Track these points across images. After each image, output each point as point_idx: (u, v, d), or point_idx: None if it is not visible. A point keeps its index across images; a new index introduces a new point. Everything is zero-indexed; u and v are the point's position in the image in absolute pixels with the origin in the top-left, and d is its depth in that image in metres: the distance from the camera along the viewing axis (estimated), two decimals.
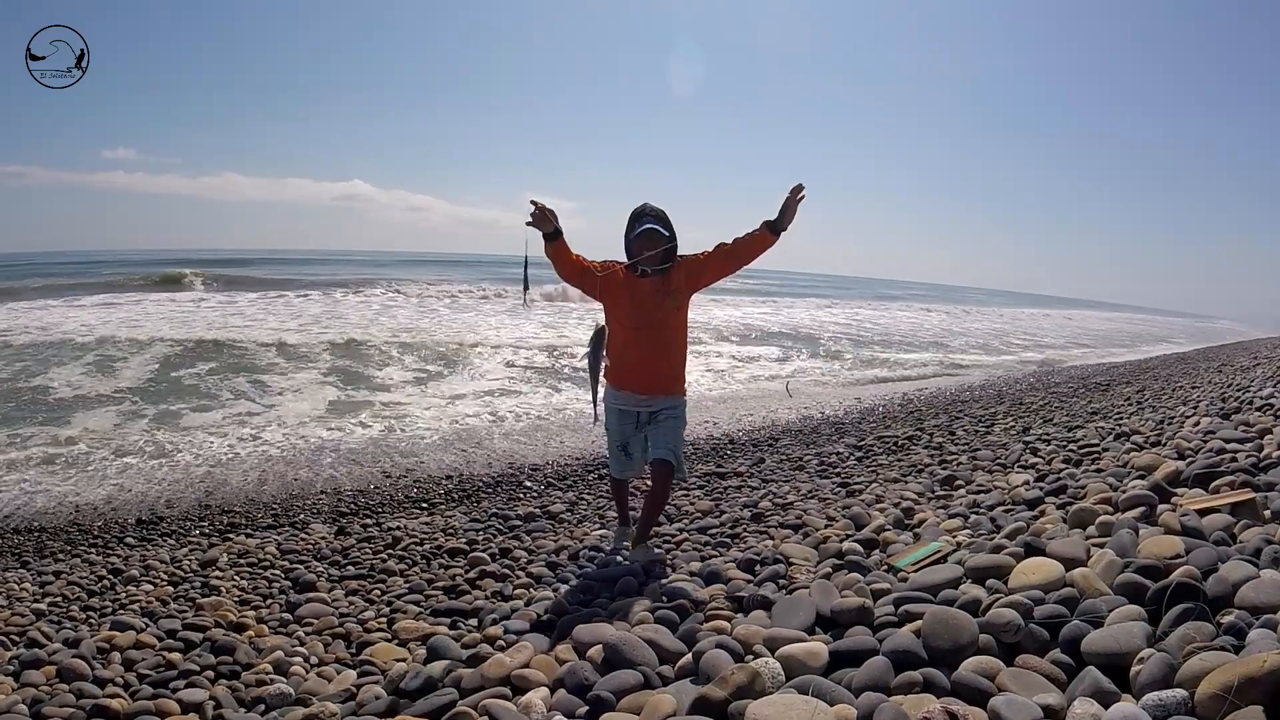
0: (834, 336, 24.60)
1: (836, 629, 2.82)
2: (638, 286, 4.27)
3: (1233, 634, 2.16)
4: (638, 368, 4.37)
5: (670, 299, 4.26)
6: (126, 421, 9.21)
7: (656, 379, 4.39)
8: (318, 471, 7.48)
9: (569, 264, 4.21)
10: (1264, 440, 4.41)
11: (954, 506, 4.67)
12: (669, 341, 4.38)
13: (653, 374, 4.37)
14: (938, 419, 9.38)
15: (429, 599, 4.20)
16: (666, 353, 4.39)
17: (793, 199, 4.17)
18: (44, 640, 3.74)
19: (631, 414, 4.44)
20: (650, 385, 4.39)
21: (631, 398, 4.41)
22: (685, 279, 4.30)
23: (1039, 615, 2.50)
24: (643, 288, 4.26)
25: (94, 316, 19.15)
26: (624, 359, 4.42)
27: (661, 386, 4.40)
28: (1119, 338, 33.52)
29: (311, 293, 27.99)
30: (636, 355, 4.36)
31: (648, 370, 4.36)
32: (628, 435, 4.51)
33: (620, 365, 4.44)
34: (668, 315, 4.29)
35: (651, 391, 4.38)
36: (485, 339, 17.71)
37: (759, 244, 4.25)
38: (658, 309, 4.26)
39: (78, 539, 5.67)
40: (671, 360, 4.42)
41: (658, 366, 4.37)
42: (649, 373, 4.37)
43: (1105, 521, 3.37)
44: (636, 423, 4.45)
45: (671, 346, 4.40)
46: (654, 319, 4.27)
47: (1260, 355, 13.23)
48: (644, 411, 4.41)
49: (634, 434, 4.49)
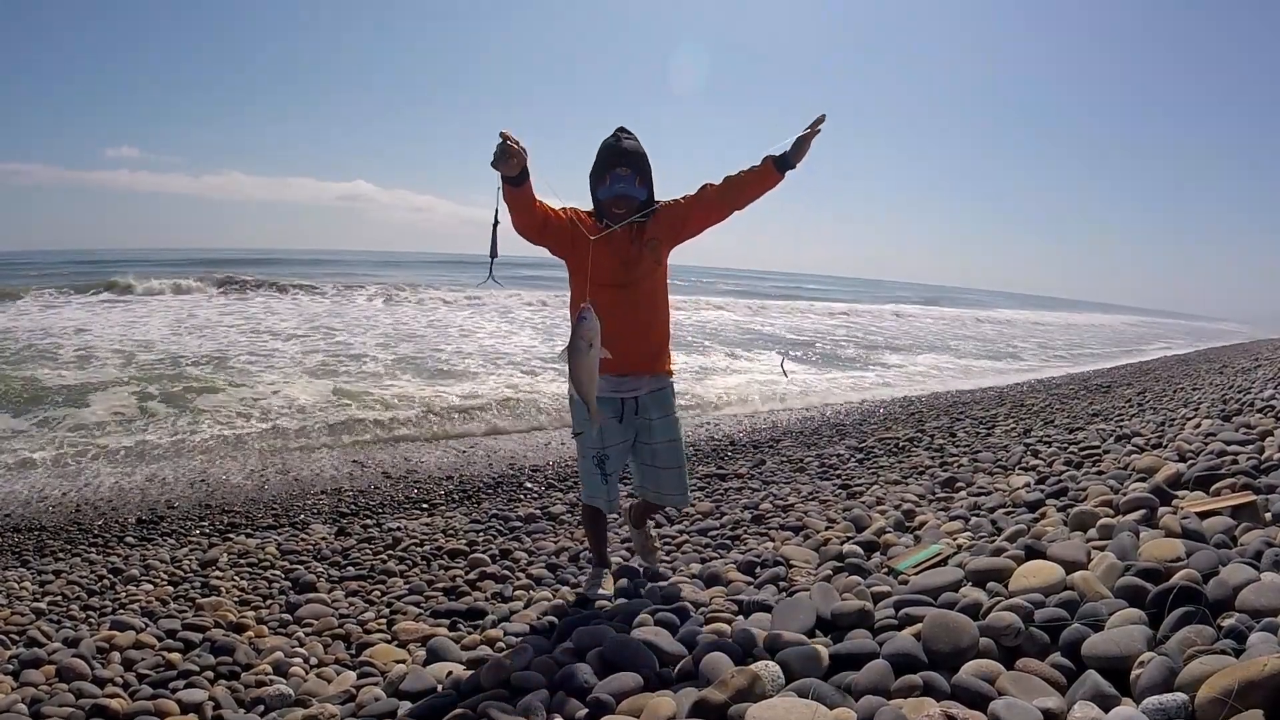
0: (834, 339, 24.62)
1: (837, 632, 2.81)
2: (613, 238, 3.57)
3: (1233, 637, 2.15)
4: (613, 339, 3.35)
5: (648, 249, 3.59)
6: (123, 421, 9.19)
7: (636, 352, 3.62)
8: (318, 472, 7.48)
9: (532, 213, 3.38)
10: (1265, 442, 4.42)
11: (955, 509, 4.67)
12: (649, 303, 3.67)
13: (632, 346, 3.56)
14: (938, 420, 9.40)
15: (429, 600, 4.20)
16: (647, 318, 3.68)
17: (811, 132, 3.42)
18: (44, 639, 3.74)
19: (611, 402, 3.65)
20: (630, 361, 3.60)
21: (607, 380, 3.58)
22: (666, 228, 3.63)
23: (1039, 618, 2.50)
24: (615, 236, 3.57)
25: (93, 315, 19.15)
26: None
27: (643, 362, 3.67)
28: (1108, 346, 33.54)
29: (302, 295, 27.91)
30: (610, 323, 3.33)
31: (626, 342, 3.50)
32: (607, 440, 3.68)
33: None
34: (646, 270, 3.62)
35: (633, 369, 3.65)
36: (482, 343, 17.69)
37: (760, 183, 3.52)
38: (635, 264, 3.58)
39: (78, 538, 5.67)
40: (654, 328, 3.72)
41: (637, 336, 3.63)
42: (627, 345, 3.52)
43: (1106, 524, 3.37)
44: (620, 416, 3.69)
45: (654, 309, 3.70)
46: (629, 276, 3.58)
47: (1261, 357, 13.26)
48: (627, 398, 3.68)
49: (614, 437, 3.70)
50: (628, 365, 3.60)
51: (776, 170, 3.46)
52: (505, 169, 3.15)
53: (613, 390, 3.64)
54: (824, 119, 3.41)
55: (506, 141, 3.09)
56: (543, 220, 3.42)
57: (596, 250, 3.42)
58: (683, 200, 3.63)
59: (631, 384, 3.68)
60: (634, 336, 3.59)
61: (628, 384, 3.67)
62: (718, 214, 3.63)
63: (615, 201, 3.55)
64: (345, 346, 15.55)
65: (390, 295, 27.97)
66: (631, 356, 3.59)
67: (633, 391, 3.68)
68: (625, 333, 3.50)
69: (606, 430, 3.66)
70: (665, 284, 3.77)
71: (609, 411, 3.65)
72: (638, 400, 3.70)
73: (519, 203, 3.32)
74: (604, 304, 3.31)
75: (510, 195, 3.28)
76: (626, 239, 3.58)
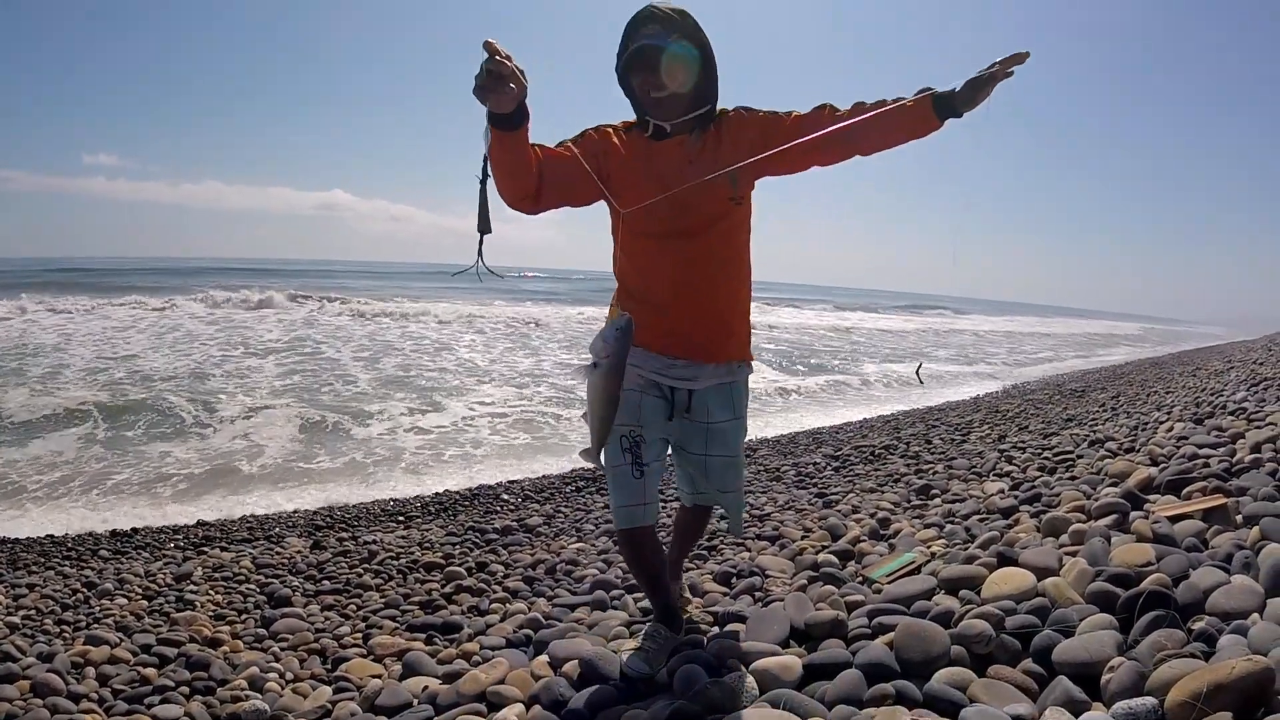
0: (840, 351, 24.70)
1: (811, 642, 2.82)
2: (658, 158, 2.49)
3: (1203, 640, 2.18)
4: (670, 307, 2.55)
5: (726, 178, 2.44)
6: (94, 435, 9.10)
7: (696, 330, 2.60)
8: (293, 484, 7.43)
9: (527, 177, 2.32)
10: (1236, 445, 4.46)
11: (929, 516, 4.69)
12: (719, 259, 2.57)
13: (689, 321, 2.57)
14: (914, 428, 9.45)
15: (405, 614, 4.17)
16: (714, 281, 2.57)
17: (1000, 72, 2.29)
18: (18, 654, 3.69)
19: (657, 385, 2.65)
20: (695, 339, 2.60)
21: (654, 360, 2.61)
22: (748, 144, 2.45)
23: (1010, 625, 2.52)
24: (668, 158, 2.48)
25: (69, 322, 18.94)
26: (648, 292, 2.61)
27: (707, 346, 2.63)
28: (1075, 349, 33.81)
29: (286, 304, 27.78)
30: (667, 285, 2.54)
31: (690, 311, 2.56)
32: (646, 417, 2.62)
33: (643, 306, 2.59)
34: (720, 210, 2.50)
35: (689, 353, 2.61)
36: (463, 358, 17.64)
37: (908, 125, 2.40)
38: (704, 197, 2.45)
39: (51, 550, 5.60)
40: (724, 295, 2.62)
41: (698, 308, 2.57)
42: (692, 316, 2.57)
43: (1078, 530, 3.40)
44: (669, 405, 2.67)
45: (727, 268, 2.61)
46: (689, 220, 2.48)
47: (1234, 359, 13.40)
48: (680, 388, 2.65)
49: (656, 421, 2.65)
50: (682, 346, 2.61)
51: (936, 116, 2.38)
52: (495, 101, 2.09)
53: (658, 372, 2.63)
54: (1025, 57, 2.28)
55: (495, 57, 2.02)
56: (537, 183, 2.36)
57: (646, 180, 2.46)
58: (784, 115, 2.54)
59: (685, 372, 2.63)
60: (693, 308, 2.58)
61: (679, 370, 2.63)
62: (836, 152, 2.51)
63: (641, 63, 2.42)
64: (330, 364, 15.46)
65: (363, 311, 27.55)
66: (689, 335, 2.60)
67: (686, 382, 2.64)
68: (692, 298, 2.56)
69: (647, 408, 2.63)
70: (747, 233, 2.67)
71: (655, 392, 2.65)
72: (691, 395, 2.67)
73: (511, 161, 2.27)
74: (661, 260, 2.52)
75: (501, 147, 2.22)
76: (682, 156, 2.49)
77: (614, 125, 2.55)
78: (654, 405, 2.64)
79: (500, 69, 2.02)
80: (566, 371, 15.19)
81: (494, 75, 2.03)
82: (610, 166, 2.46)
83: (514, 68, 2.04)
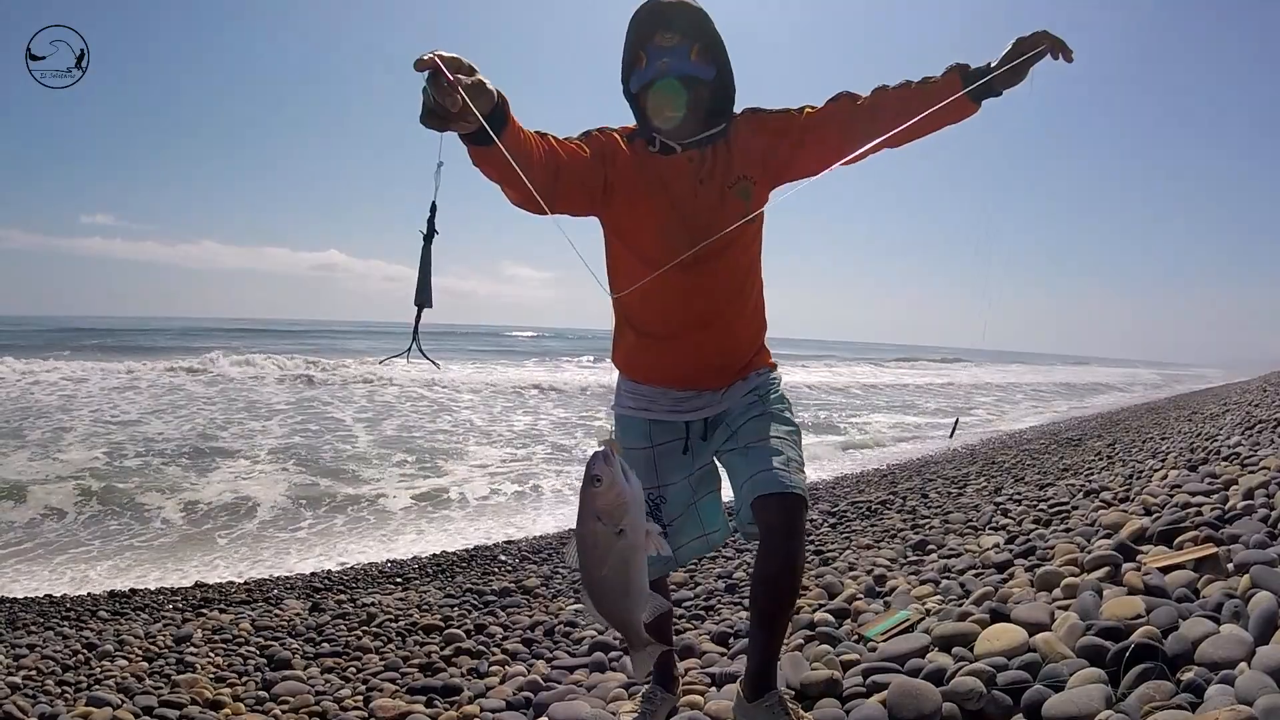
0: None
1: (806, 701, 2.85)
2: (666, 176, 2.24)
3: (1191, 691, 2.23)
4: (680, 340, 2.32)
5: (737, 192, 2.23)
6: (90, 495, 9.07)
7: (708, 363, 2.37)
8: (289, 546, 7.44)
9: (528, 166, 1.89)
10: (1229, 491, 4.50)
11: (925, 572, 4.70)
12: (732, 285, 2.33)
13: (700, 352, 2.34)
14: (910, 481, 9.45)
15: (405, 677, 4.17)
16: (729, 308, 2.33)
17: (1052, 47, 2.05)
18: (20, 714, 3.69)
19: (671, 426, 2.43)
20: (708, 367, 2.37)
21: (667, 395, 2.40)
22: (764, 154, 2.27)
23: (1002, 681, 2.55)
24: (678, 177, 2.23)
25: (70, 383, 18.98)
26: (654, 324, 2.36)
27: (729, 369, 2.39)
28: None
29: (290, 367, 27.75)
30: (678, 314, 2.29)
31: (702, 341, 2.33)
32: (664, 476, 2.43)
33: (647, 339, 2.38)
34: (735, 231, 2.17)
35: (702, 383, 2.39)
36: (462, 418, 17.66)
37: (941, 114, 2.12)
38: (718, 219, 2.17)
39: (50, 610, 5.59)
40: (740, 321, 2.38)
41: (719, 331, 2.34)
42: (705, 346, 2.34)
43: (1070, 583, 3.43)
44: (684, 442, 2.43)
45: (740, 293, 2.36)
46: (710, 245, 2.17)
47: (1230, 401, 13.42)
48: (695, 420, 2.42)
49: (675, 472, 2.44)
50: (694, 379, 2.39)
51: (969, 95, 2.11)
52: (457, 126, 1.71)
53: (671, 410, 2.41)
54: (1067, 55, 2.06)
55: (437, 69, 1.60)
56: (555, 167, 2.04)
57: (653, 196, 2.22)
58: (796, 113, 2.30)
59: (699, 401, 2.41)
60: (704, 339, 2.33)
61: (693, 402, 2.41)
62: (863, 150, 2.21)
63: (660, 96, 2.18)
64: (334, 424, 15.47)
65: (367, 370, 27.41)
66: (714, 360, 2.37)
67: (699, 411, 2.42)
68: (704, 327, 2.31)
69: (663, 459, 2.43)
70: (760, 243, 2.40)
71: (667, 435, 2.44)
72: (706, 423, 2.44)
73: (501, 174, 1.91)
74: (669, 288, 2.20)
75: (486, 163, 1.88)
76: (692, 174, 2.23)
77: (616, 131, 2.28)
78: (668, 453, 2.43)
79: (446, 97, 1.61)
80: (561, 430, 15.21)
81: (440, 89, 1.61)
82: (613, 176, 2.20)
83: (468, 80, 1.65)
